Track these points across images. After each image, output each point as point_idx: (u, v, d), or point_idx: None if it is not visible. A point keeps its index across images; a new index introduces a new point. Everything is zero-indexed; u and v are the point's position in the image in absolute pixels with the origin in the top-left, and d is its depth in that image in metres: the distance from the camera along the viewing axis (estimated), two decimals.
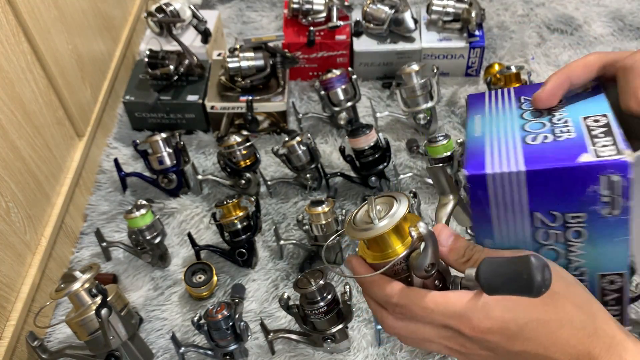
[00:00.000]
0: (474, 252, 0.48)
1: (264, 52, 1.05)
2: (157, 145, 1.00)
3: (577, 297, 0.44)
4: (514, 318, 0.43)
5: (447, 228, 0.50)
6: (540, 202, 0.45)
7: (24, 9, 0.83)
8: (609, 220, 0.44)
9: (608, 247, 0.46)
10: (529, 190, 0.45)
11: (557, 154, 0.45)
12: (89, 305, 0.72)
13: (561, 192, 0.44)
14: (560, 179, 0.43)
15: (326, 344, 0.80)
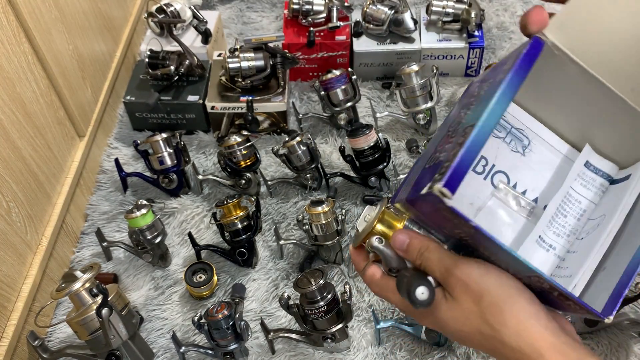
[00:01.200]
0: (423, 255, 0.50)
1: (264, 53, 1.05)
2: (158, 145, 1.00)
3: (487, 310, 0.45)
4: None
5: (401, 233, 0.51)
6: (432, 220, 0.49)
7: (25, 10, 0.83)
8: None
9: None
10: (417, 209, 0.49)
11: (423, 180, 0.45)
12: (89, 304, 0.73)
13: (435, 215, 0.46)
14: (422, 204, 0.46)
15: (326, 344, 0.80)
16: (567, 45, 0.42)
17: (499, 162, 0.49)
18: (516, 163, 0.49)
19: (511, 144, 0.48)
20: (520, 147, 0.48)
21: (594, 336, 0.84)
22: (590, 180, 0.49)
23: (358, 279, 0.92)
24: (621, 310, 0.83)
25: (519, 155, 0.48)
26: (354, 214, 1.01)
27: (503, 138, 0.48)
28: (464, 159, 0.39)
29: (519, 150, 0.48)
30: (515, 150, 0.48)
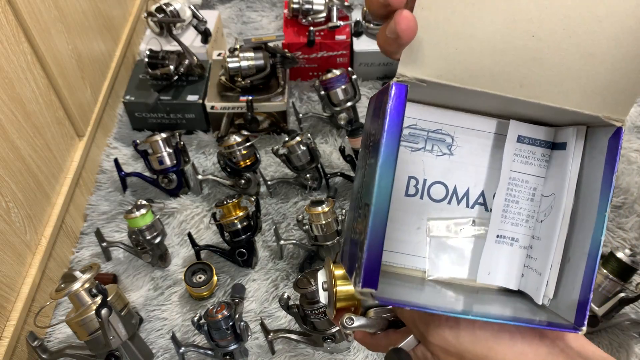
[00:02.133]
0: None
1: (264, 52, 1.05)
2: (157, 145, 1.00)
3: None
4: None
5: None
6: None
7: (24, 10, 0.83)
8: None
9: None
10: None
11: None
12: (89, 305, 0.72)
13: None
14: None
15: (326, 344, 0.80)
16: (431, 73, 0.38)
17: (429, 174, 0.45)
18: (447, 166, 0.45)
19: (434, 149, 0.44)
20: (446, 148, 0.45)
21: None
22: (529, 154, 0.45)
23: None
24: (622, 311, 0.82)
25: (446, 157, 0.45)
26: None
27: (423, 147, 0.44)
28: (371, 252, 0.37)
29: (446, 152, 0.45)
30: (441, 154, 0.45)
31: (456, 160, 0.44)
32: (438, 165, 0.45)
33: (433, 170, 0.45)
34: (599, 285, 0.80)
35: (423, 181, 0.43)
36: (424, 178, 0.43)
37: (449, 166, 0.44)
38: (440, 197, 0.44)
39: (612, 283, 0.80)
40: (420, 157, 0.44)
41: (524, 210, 0.45)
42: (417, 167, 0.44)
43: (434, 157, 0.43)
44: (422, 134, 0.44)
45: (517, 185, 0.45)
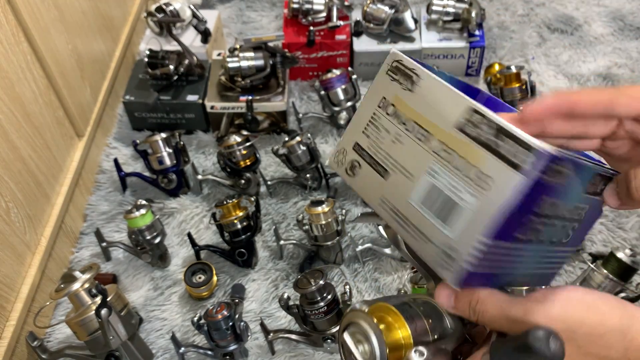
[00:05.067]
0: (475, 309, 0.42)
1: (264, 52, 1.05)
2: (157, 145, 1.00)
3: (588, 343, 0.40)
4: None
5: (443, 288, 0.43)
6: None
7: (23, 9, 0.83)
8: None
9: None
10: None
11: None
12: (88, 305, 0.72)
13: None
14: None
15: (326, 344, 0.80)
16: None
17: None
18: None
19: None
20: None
21: None
22: None
23: (358, 279, 0.92)
24: None
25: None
26: (354, 214, 1.00)
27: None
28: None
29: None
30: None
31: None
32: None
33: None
34: (599, 285, 0.80)
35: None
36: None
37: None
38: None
39: (612, 283, 0.80)
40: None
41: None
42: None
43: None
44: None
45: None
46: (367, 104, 0.45)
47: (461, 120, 0.40)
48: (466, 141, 0.40)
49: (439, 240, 0.40)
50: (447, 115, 0.41)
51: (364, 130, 0.45)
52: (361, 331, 0.43)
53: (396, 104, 0.43)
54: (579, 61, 1.26)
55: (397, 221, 0.42)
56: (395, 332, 0.42)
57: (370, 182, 0.44)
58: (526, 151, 0.37)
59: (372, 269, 0.93)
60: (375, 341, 0.42)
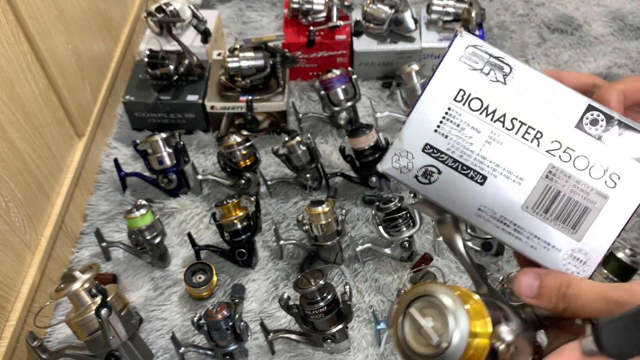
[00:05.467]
0: (566, 294, 0.38)
1: (264, 52, 1.05)
2: (157, 145, 1.00)
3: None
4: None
5: (526, 274, 0.39)
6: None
7: (23, 9, 0.83)
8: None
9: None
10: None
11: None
12: (88, 305, 0.72)
13: None
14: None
15: (326, 344, 0.80)
16: None
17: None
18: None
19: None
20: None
21: None
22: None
23: (358, 279, 0.92)
24: None
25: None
26: (354, 214, 1.00)
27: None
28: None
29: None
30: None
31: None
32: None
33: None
34: None
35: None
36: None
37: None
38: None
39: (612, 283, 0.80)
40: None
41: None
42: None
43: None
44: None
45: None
46: (436, 97, 0.39)
47: (579, 118, 0.38)
48: (586, 139, 0.37)
49: (564, 245, 0.38)
50: (562, 113, 0.38)
51: (437, 129, 0.39)
52: (437, 306, 0.36)
53: (484, 99, 0.39)
54: (579, 61, 1.26)
55: (502, 229, 0.39)
56: (476, 316, 0.36)
57: (459, 189, 0.39)
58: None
59: (372, 269, 0.93)
60: (458, 316, 0.35)
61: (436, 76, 0.39)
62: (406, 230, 0.88)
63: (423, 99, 0.40)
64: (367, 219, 1.00)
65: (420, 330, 0.36)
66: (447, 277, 0.90)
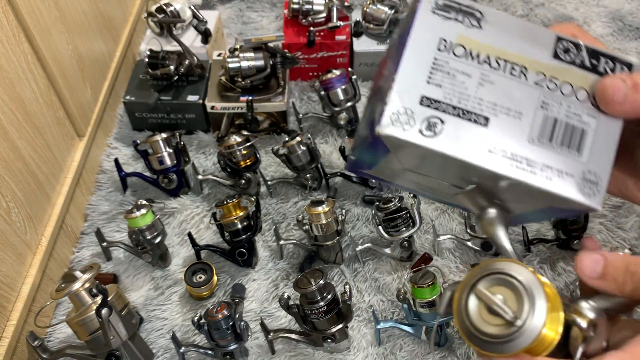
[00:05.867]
0: (635, 274, 0.37)
1: (264, 53, 1.05)
2: (158, 145, 1.00)
3: None
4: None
5: (589, 255, 0.38)
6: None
7: (24, 10, 0.83)
8: None
9: None
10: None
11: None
12: (89, 305, 0.72)
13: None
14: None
15: (326, 344, 0.80)
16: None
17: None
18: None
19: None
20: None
21: None
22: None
23: (358, 279, 0.92)
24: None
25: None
26: (354, 214, 1.00)
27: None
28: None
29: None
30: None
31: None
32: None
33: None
34: None
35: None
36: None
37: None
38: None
39: None
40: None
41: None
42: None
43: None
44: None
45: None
46: (418, 51, 0.39)
47: (553, 48, 0.40)
48: (566, 67, 0.40)
49: (575, 169, 0.39)
50: (537, 47, 0.40)
51: (430, 81, 0.39)
52: (510, 283, 0.35)
53: (466, 44, 0.40)
54: None
55: (516, 166, 0.38)
56: (551, 298, 0.35)
57: (465, 135, 0.38)
58: (623, 65, 0.40)
59: (372, 269, 0.93)
60: (535, 294, 0.34)
61: (414, 31, 0.39)
62: (406, 230, 0.88)
63: (407, 55, 0.39)
64: (367, 219, 1.00)
65: (490, 309, 0.35)
66: (447, 277, 0.90)
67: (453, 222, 0.98)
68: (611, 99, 0.38)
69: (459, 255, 0.94)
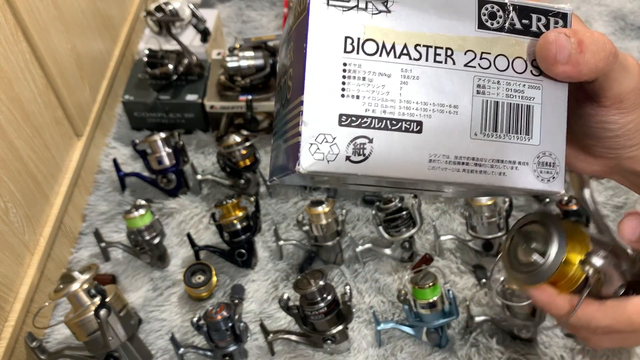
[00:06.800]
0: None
1: (263, 52, 1.05)
2: (156, 145, 0.99)
3: None
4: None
5: (632, 218, 0.40)
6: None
7: (22, 9, 0.83)
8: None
9: None
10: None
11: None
12: (87, 305, 0.72)
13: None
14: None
15: (326, 345, 0.80)
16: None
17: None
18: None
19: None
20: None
21: None
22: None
23: (358, 279, 0.92)
24: None
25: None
26: (354, 214, 1.00)
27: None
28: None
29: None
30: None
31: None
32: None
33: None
34: None
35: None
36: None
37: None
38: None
39: None
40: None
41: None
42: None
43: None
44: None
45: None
46: (321, 59, 0.33)
47: (477, 18, 0.35)
48: (496, 37, 0.35)
49: (528, 155, 0.35)
50: (459, 20, 0.34)
51: (344, 93, 0.33)
52: (545, 231, 0.41)
53: (376, 37, 0.34)
54: None
55: (464, 169, 0.34)
56: (576, 244, 0.40)
57: (400, 149, 0.33)
58: (557, 18, 0.35)
59: (372, 270, 0.93)
60: (558, 245, 0.39)
61: (310, 36, 0.33)
62: (406, 231, 0.87)
63: (310, 68, 0.33)
64: (367, 219, 0.99)
65: (526, 246, 0.41)
66: (448, 278, 0.90)
67: (454, 223, 0.98)
68: (554, 58, 0.34)
69: (460, 255, 0.93)
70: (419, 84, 0.33)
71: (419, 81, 0.34)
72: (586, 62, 0.34)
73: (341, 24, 0.33)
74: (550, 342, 0.82)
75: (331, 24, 0.33)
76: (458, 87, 0.34)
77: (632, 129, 0.37)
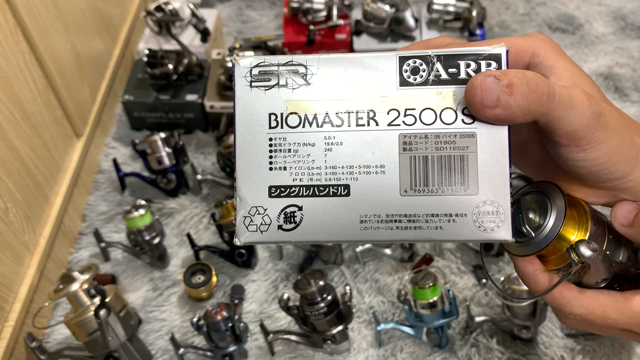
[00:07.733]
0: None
1: (263, 52, 1.05)
2: (156, 145, 0.99)
3: None
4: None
5: (629, 203, 0.39)
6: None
7: (22, 8, 0.83)
8: None
9: None
10: None
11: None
12: (87, 306, 0.72)
13: None
14: None
15: (326, 345, 0.80)
16: None
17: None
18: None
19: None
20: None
21: (597, 337, 0.83)
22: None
23: (358, 280, 0.92)
24: None
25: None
26: None
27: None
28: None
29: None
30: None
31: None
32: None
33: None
34: None
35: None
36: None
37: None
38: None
39: None
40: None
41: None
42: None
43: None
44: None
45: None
46: (249, 138, 0.35)
47: (398, 75, 0.35)
48: (420, 91, 0.34)
49: (466, 207, 0.34)
50: (380, 80, 0.35)
51: (272, 166, 0.35)
52: (547, 202, 0.39)
53: (298, 110, 0.35)
54: (580, 61, 1.26)
55: (397, 227, 0.35)
56: (574, 222, 0.38)
57: (330, 213, 0.35)
58: (490, 61, 0.34)
59: (372, 270, 0.93)
60: (555, 218, 0.38)
61: (237, 117, 0.35)
62: None
63: (239, 148, 0.35)
64: None
65: (523, 215, 0.39)
66: (448, 278, 0.89)
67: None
68: (481, 103, 0.33)
69: (460, 256, 0.93)
70: (343, 149, 0.35)
71: (343, 147, 0.35)
72: (518, 104, 0.33)
73: (265, 102, 0.35)
74: (550, 342, 0.82)
75: (255, 103, 0.35)
76: (383, 147, 0.34)
77: (608, 162, 0.35)
